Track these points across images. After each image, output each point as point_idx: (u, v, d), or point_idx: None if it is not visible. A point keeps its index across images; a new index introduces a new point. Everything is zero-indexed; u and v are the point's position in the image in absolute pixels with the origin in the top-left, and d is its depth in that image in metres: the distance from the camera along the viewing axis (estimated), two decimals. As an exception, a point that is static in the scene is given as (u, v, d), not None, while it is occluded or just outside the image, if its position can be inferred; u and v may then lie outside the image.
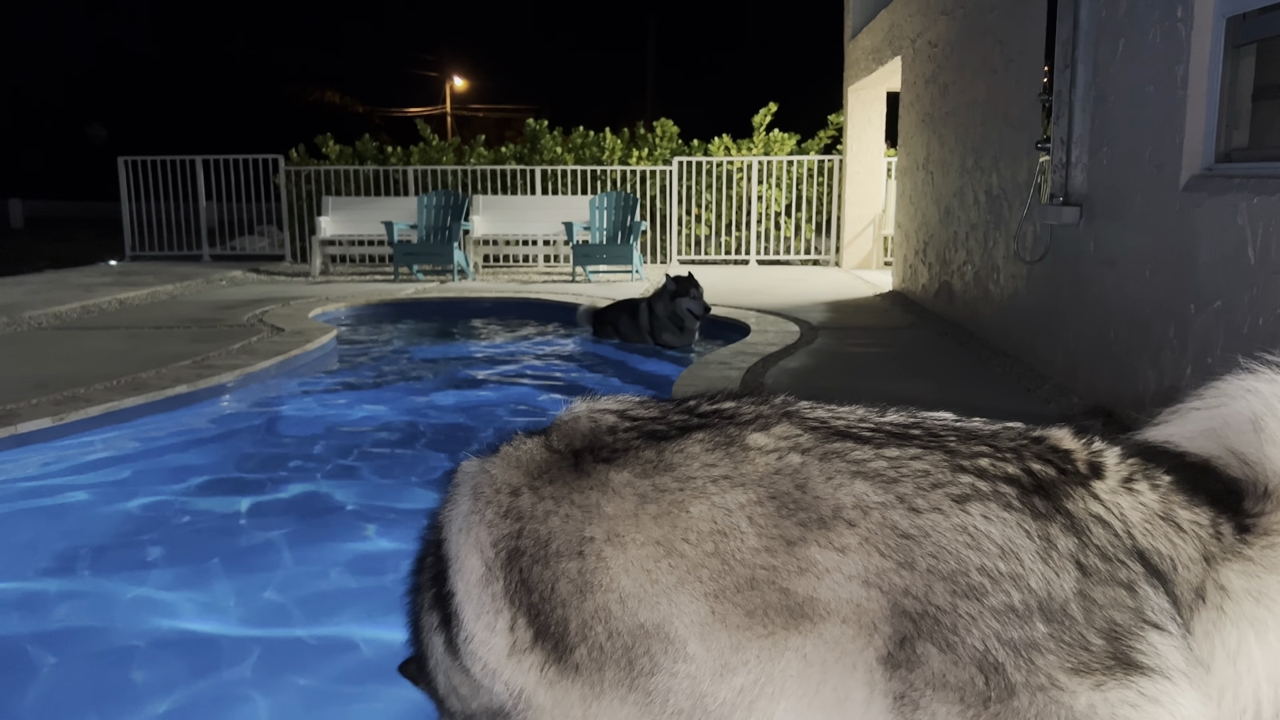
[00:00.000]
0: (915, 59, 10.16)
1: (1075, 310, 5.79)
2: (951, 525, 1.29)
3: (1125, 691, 1.20)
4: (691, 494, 1.41)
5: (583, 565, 1.45)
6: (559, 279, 13.15)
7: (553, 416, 1.74)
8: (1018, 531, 1.27)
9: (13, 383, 6.00)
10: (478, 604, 1.56)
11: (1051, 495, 1.30)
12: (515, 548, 1.53)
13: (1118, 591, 1.24)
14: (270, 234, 16.64)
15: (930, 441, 1.39)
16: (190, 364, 6.65)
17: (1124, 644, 1.22)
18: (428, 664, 1.77)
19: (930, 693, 1.28)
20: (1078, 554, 1.26)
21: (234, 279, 12.99)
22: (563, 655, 1.50)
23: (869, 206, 14.35)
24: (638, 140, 15.78)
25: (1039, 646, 1.23)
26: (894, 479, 1.34)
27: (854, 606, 1.32)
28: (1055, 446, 1.37)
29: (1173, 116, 4.58)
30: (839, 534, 1.33)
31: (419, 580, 1.79)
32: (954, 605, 1.27)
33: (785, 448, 1.41)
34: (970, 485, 1.32)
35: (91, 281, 12.05)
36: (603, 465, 1.51)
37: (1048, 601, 1.24)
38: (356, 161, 15.68)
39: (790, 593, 1.34)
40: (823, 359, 6.98)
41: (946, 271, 8.94)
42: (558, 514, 1.50)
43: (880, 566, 1.30)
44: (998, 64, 7.35)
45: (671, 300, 8.55)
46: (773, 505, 1.37)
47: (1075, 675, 1.22)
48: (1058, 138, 5.87)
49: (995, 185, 7.44)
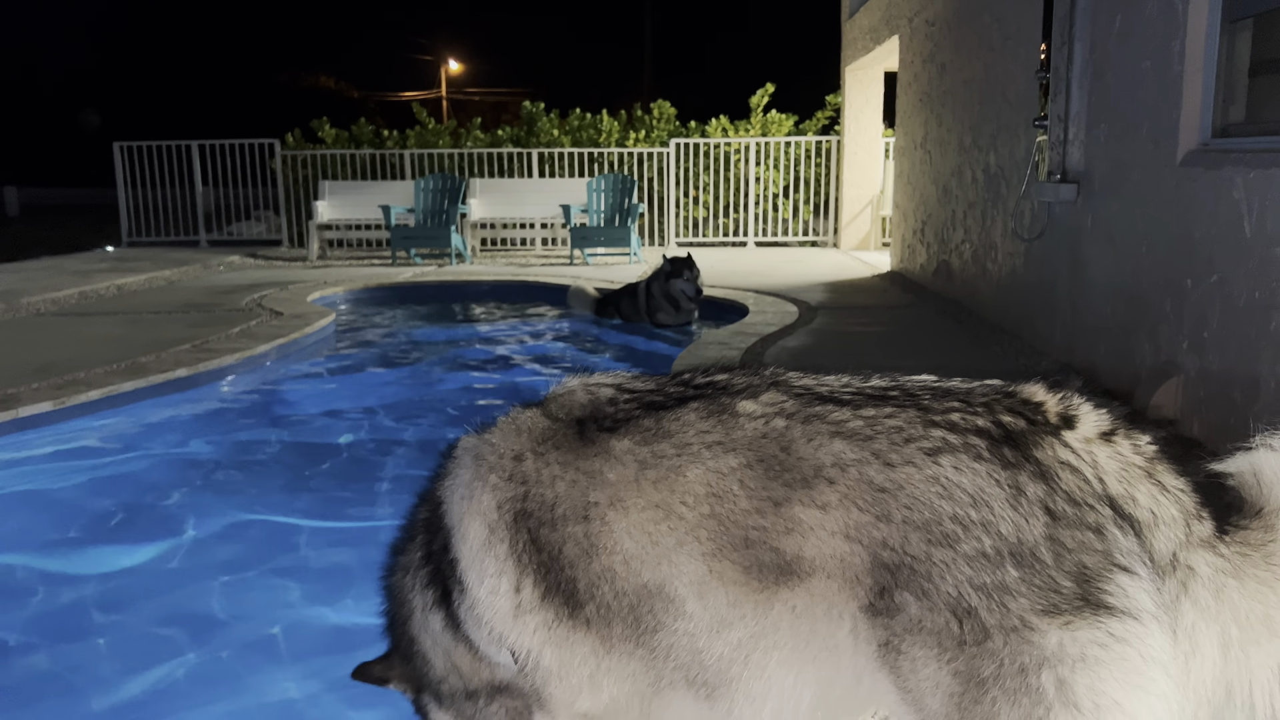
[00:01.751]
0: (913, 38, 10.13)
1: (1073, 286, 5.81)
2: (924, 477, 1.34)
3: (1094, 631, 1.25)
4: (688, 459, 1.46)
5: (588, 528, 1.50)
6: (557, 262, 13.14)
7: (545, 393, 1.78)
8: (988, 480, 1.32)
9: (13, 368, 6.01)
10: (482, 567, 1.59)
11: (1020, 445, 1.34)
12: (521, 509, 1.56)
13: (1086, 535, 1.28)
14: (267, 219, 16.61)
15: (906, 401, 1.44)
16: (189, 348, 6.66)
17: (1093, 586, 1.26)
18: (416, 648, 1.78)
19: (910, 638, 1.33)
20: (1046, 499, 1.30)
21: (231, 264, 12.98)
22: (571, 613, 1.54)
23: (867, 187, 14.33)
24: (635, 122, 15.74)
25: (1010, 590, 1.28)
26: (869, 436, 1.39)
27: (838, 561, 1.37)
28: (1027, 400, 1.42)
29: (1169, 92, 4.58)
30: (820, 492, 1.38)
31: (404, 560, 1.81)
32: (928, 554, 1.31)
33: (771, 413, 1.46)
34: (941, 439, 1.36)
35: (89, 268, 12.04)
36: (605, 433, 1.55)
37: (1018, 546, 1.28)
38: (353, 145, 15.64)
39: (780, 551, 1.40)
40: (821, 338, 6.99)
41: (945, 250, 8.95)
42: (563, 479, 1.54)
43: (859, 520, 1.36)
44: (995, 42, 7.33)
45: (666, 281, 8.60)
46: (761, 468, 1.42)
47: (1045, 616, 1.26)
48: (1055, 115, 5.86)
49: (993, 163, 7.44)
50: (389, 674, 1.90)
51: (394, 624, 1.85)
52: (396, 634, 1.85)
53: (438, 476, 1.75)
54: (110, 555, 3.91)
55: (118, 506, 4.42)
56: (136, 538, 4.07)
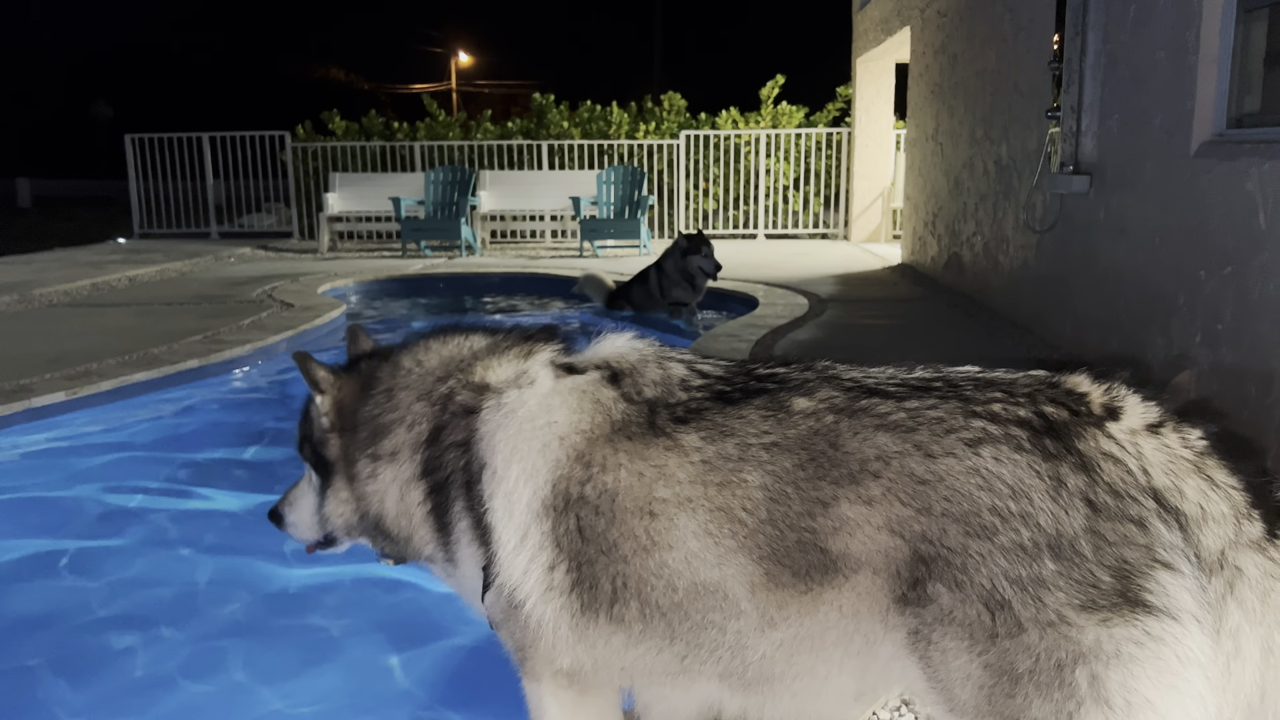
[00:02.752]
0: (924, 29, 10.08)
1: (1085, 279, 5.78)
2: (964, 468, 1.33)
3: (1131, 629, 1.23)
4: (749, 463, 1.46)
5: (653, 524, 1.49)
6: (566, 254, 13.14)
7: (605, 340, 1.77)
8: (1028, 472, 1.30)
9: (26, 358, 6.04)
10: (520, 537, 1.58)
11: (1063, 436, 1.32)
12: (579, 495, 1.54)
13: (1128, 528, 1.26)
14: (277, 211, 16.64)
15: (949, 392, 1.43)
16: (201, 339, 6.69)
17: (1133, 582, 1.24)
18: (372, 506, 1.81)
19: (941, 629, 1.32)
20: (1087, 491, 1.28)
21: (242, 256, 13.01)
22: (602, 605, 1.54)
23: (877, 179, 14.28)
24: (645, 114, 15.71)
25: (1047, 583, 1.26)
26: (912, 428, 1.38)
27: (881, 555, 1.37)
28: (1071, 390, 1.40)
29: (1184, 82, 4.55)
30: (866, 487, 1.38)
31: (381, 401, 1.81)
32: (964, 545, 1.30)
33: (823, 409, 1.46)
34: (982, 429, 1.35)
35: (101, 259, 12.09)
36: (676, 424, 1.54)
37: (1056, 539, 1.26)
38: (363, 138, 15.65)
39: (828, 552, 1.40)
40: (832, 331, 6.98)
41: (956, 243, 8.91)
42: (629, 470, 1.53)
43: (901, 514, 1.35)
44: (1008, 32, 7.29)
45: (683, 257, 8.46)
46: (812, 467, 1.42)
47: (1083, 611, 1.24)
48: (1068, 106, 5.83)
49: (1005, 155, 7.40)
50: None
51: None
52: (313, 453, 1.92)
53: (497, 390, 1.70)
54: (121, 545, 3.93)
55: (130, 496, 4.44)
56: (148, 527, 4.09)
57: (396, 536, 1.81)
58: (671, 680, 1.58)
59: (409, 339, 1.95)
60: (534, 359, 1.79)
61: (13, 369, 5.67)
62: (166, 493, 4.50)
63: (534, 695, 1.72)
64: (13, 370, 5.63)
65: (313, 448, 1.91)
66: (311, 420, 1.92)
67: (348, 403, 1.86)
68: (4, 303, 8.52)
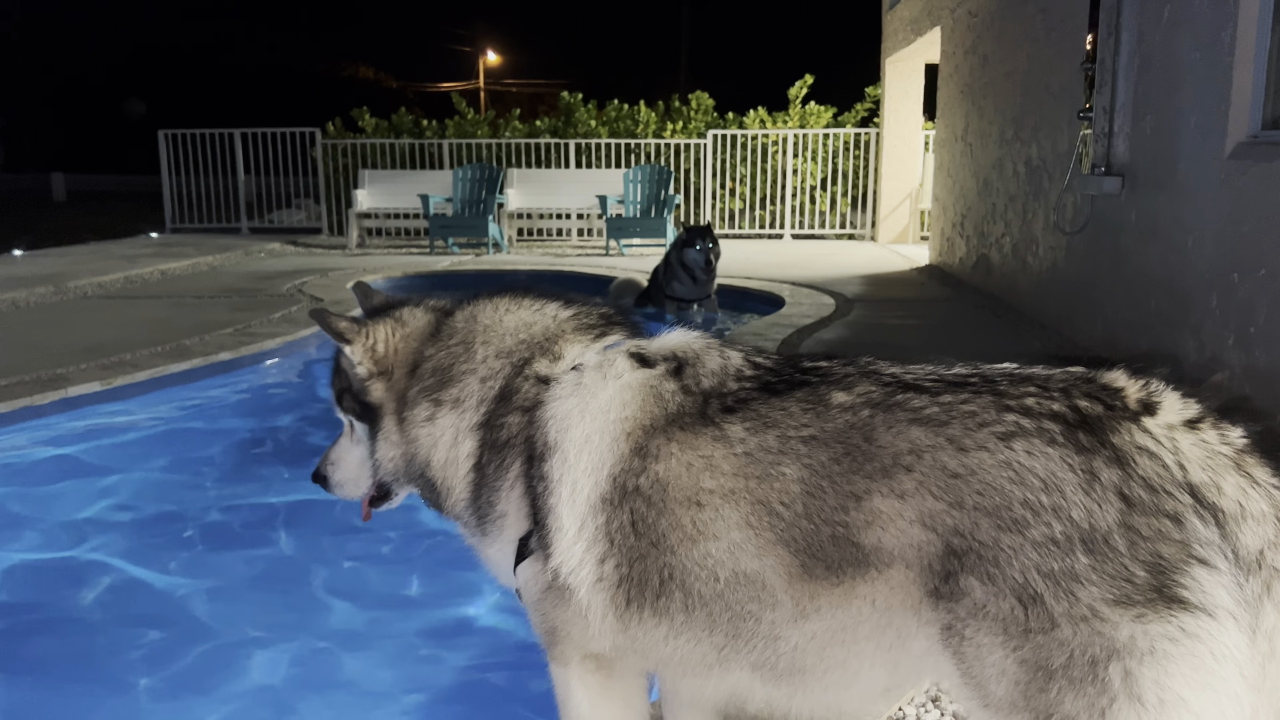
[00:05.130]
0: (955, 29, 10.02)
1: (1115, 281, 5.73)
2: (996, 462, 1.33)
3: (1166, 626, 1.21)
4: (788, 456, 1.48)
5: (699, 515, 1.51)
6: (593, 252, 13.17)
7: (674, 332, 1.77)
8: (1060, 465, 1.29)
9: (61, 348, 6.14)
10: (579, 526, 1.59)
11: (1096, 429, 1.31)
12: (634, 487, 1.56)
13: (1163, 523, 1.24)
14: (307, 207, 16.79)
15: (983, 386, 1.43)
16: (232, 332, 6.77)
17: (1169, 578, 1.22)
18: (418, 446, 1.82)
19: (974, 624, 1.32)
20: (1121, 485, 1.27)
21: (272, 251, 13.14)
22: (652, 598, 1.56)
23: (906, 180, 14.21)
24: (672, 113, 15.71)
25: (1080, 578, 1.25)
26: (945, 421, 1.39)
27: (914, 549, 1.37)
28: (1106, 385, 1.39)
29: (1219, 83, 4.51)
30: (899, 481, 1.38)
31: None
32: (996, 539, 1.30)
33: (860, 403, 1.47)
34: (1015, 423, 1.35)
35: (133, 253, 12.25)
36: (724, 414, 1.56)
37: (1090, 533, 1.26)
38: (392, 135, 15.76)
39: (861, 545, 1.40)
40: (858, 331, 6.96)
41: (984, 244, 8.86)
42: (680, 460, 1.54)
43: (934, 508, 1.35)
44: (1039, 33, 7.24)
45: (681, 250, 8.35)
46: (848, 461, 1.43)
47: (1117, 606, 1.23)
48: (1100, 107, 5.79)
49: (1035, 156, 7.36)
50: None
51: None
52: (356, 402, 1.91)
53: (572, 372, 1.70)
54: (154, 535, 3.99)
55: (162, 486, 4.51)
56: (180, 519, 4.15)
57: (439, 486, 1.82)
58: (706, 670, 1.60)
59: (481, 295, 1.94)
60: (613, 344, 1.78)
61: (48, 359, 5.77)
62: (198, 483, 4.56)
63: (561, 678, 1.74)
64: (48, 360, 5.73)
65: (353, 397, 1.91)
66: (345, 372, 1.93)
67: (394, 347, 1.88)
68: (40, 294, 8.66)
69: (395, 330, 1.90)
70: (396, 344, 1.88)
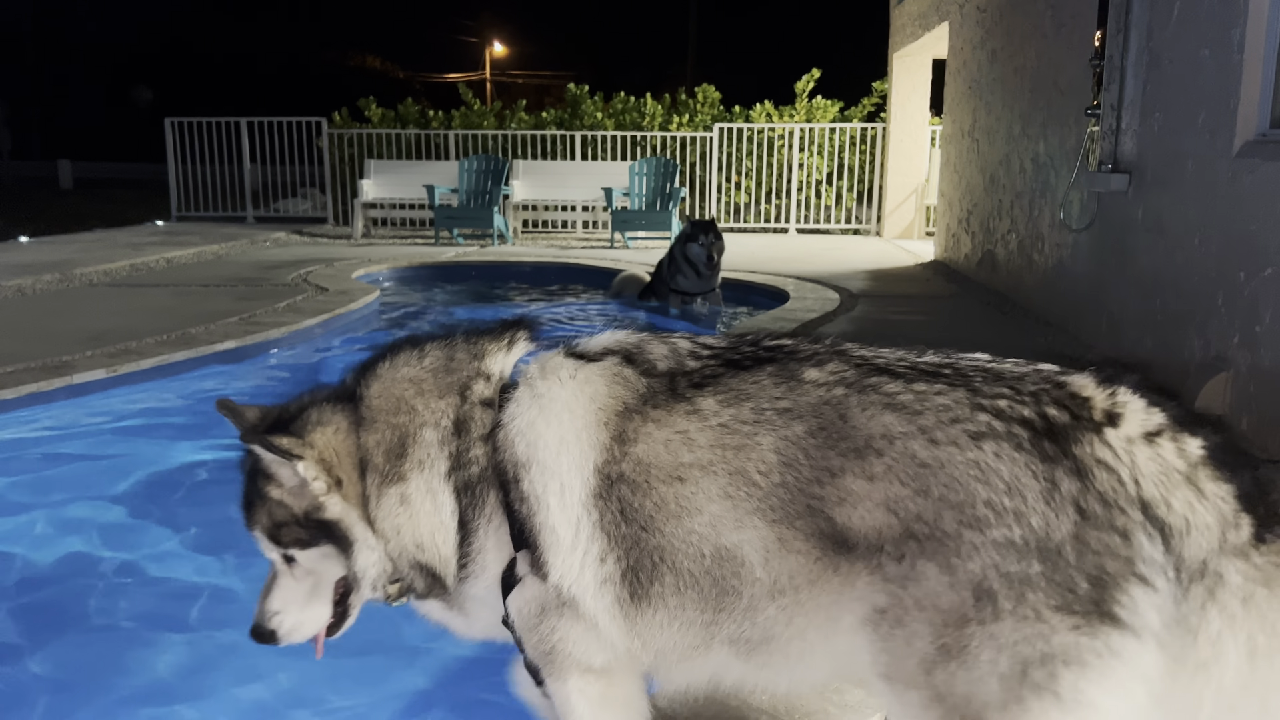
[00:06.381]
0: (963, 24, 10.00)
1: (1121, 279, 5.73)
2: (965, 459, 1.37)
3: (1094, 641, 1.28)
4: (764, 426, 1.50)
5: (680, 490, 1.52)
6: (598, 245, 13.17)
7: (599, 334, 1.76)
8: (1025, 471, 1.34)
9: (67, 335, 6.16)
10: (574, 532, 1.57)
11: (1061, 439, 1.36)
12: (619, 473, 1.56)
13: (1112, 538, 1.30)
14: (312, 196, 16.79)
15: (957, 380, 1.46)
16: (238, 320, 6.78)
17: (1108, 593, 1.28)
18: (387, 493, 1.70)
19: (916, 612, 1.36)
20: (1079, 498, 1.31)
21: (278, 240, 13.15)
22: (648, 585, 1.56)
23: (912, 175, 14.18)
24: (679, 106, 15.68)
25: (1031, 582, 1.30)
26: (918, 411, 1.42)
27: (878, 531, 1.40)
28: (1074, 393, 1.43)
29: (1228, 81, 4.49)
30: (870, 463, 1.41)
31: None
32: (959, 533, 1.34)
33: (833, 380, 1.50)
34: (986, 424, 1.38)
35: (139, 241, 12.27)
36: (698, 390, 1.57)
37: (1045, 540, 1.31)
38: (398, 125, 15.74)
39: (832, 520, 1.44)
40: (863, 326, 6.96)
41: (990, 240, 8.85)
42: (658, 437, 1.55)
43: (900, 494, 1.39)
44: (1048, 29, 7.22)
45: (684, 244, 8.33)
46: (822, 436, 1.45)
47: (1059, 613, 1.29)
48: (1108, 104, 5.77)
49: (1042, 152, 7.34)
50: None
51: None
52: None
53: (525, 391, 1.67)
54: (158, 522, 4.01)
55: (167, 473, 4.52)
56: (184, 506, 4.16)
57: (437, 565, 1.70)
58: (695, 653, 1.60)
59: (373, 364, 1.80)
60: (531, 351, 1.79)
61: (54, 346, 5.79)
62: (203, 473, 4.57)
63: (561, 695, 1.70)
64: (54, 347, 5.74)
65: (301, 525, 1.71)
66: (279, 501, 1.71)
67: (335, 449, 1.71)
68: (46, 281, 8.68)
69: (327, 432, 1.72)
70: (337, 446, 1.71)
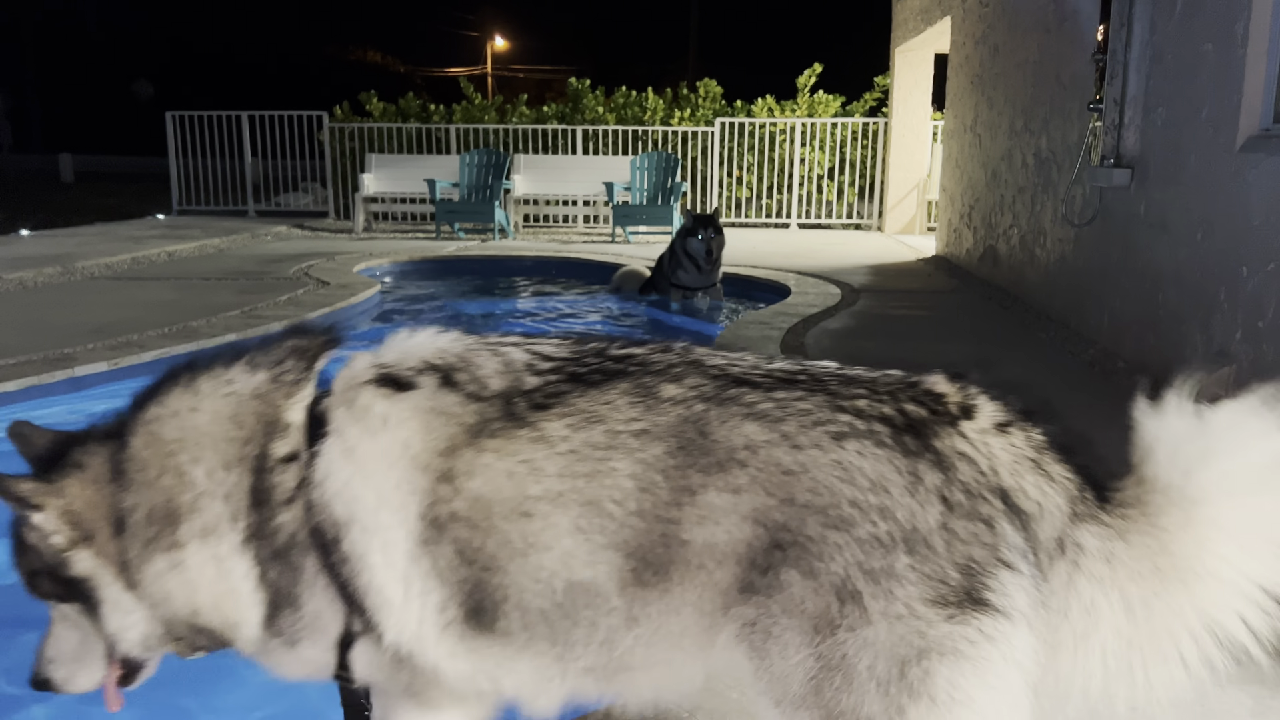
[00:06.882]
0: (965, 19, 9.98)
1: (1124, 274, 5.72)
2: (829, 460, 1.34)
3: (967, 628, 1.28)
4: (619, 451, 1.41)
5: (528, 526, 1.42)
6: (599, 239, 13.16)
7: (413, 339, 1.57)
8: (888, 467, 1.33)
9: (68, 328, 6.16)
10: (405, 587, 1.46)
11: (921, 433, 1.36)
12: (450, 514, 1.44)
13: (978, 526, 1.30)
14: (314, 190, 16.79)
15: (814, 385, 1.44)
16: (239, 314, 6.79)
17: (978, 580, 1.29)
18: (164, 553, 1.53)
19: (784, 619, 1.33)
20: (943, 489, 1.31)
21: (279, 234, 13.15)
22: (492, 624, 1.47)
23: (913, 170, 14.17)
24: (680, 101, 15.66)
25: (899, 576, 1.29)
26: (780, 418, 1.39)
27: (744, 544, 1.36)
28: (929, 390, 1.43)
29: (1231, 75, 4.49)
30: (733, 475, 1.37)
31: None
32: (823, 535, 1.32)
33: (692, 397, 1.43)
34: (848, 423, 1.37)
35: (140, 234, 12.27)
36: (541, 412, 1.45)
37: (912, 533, 1.30)
38: (399, 119, 15.73)
39: (691, 542, 1.38)
40: (864, 321, 6.96)
41: (992, 235, 8.84)
42: (499, 469, 1.43)
43: (765, 504, 1.35)
44: (1051, 23, 7.21)
45: (684, 238, 8.34)
46: (681, 455, 1.39)
47: (933, 606, 1.28)
48: (1111, 98, 5.76)
49: (1044, 147, 7.33)
50: None
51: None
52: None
53: (329, 436, 1.50)
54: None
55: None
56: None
57: (218, 627, 1.56)
58: (549, 685, 1.52)
59: (144, 401, 1.60)
60: (344, 379, 1.56)
61: (56, 338, 5.79)
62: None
63: None
64: (56, 339, 5.75)
65: (51, 577, 1.56)
66: (34, 547, 1.56)
67: (89, 501, 1.54)
68: (47, 274, 8.68)
69: (84, 479, 1.55)
70: (92, 496, 1.54)
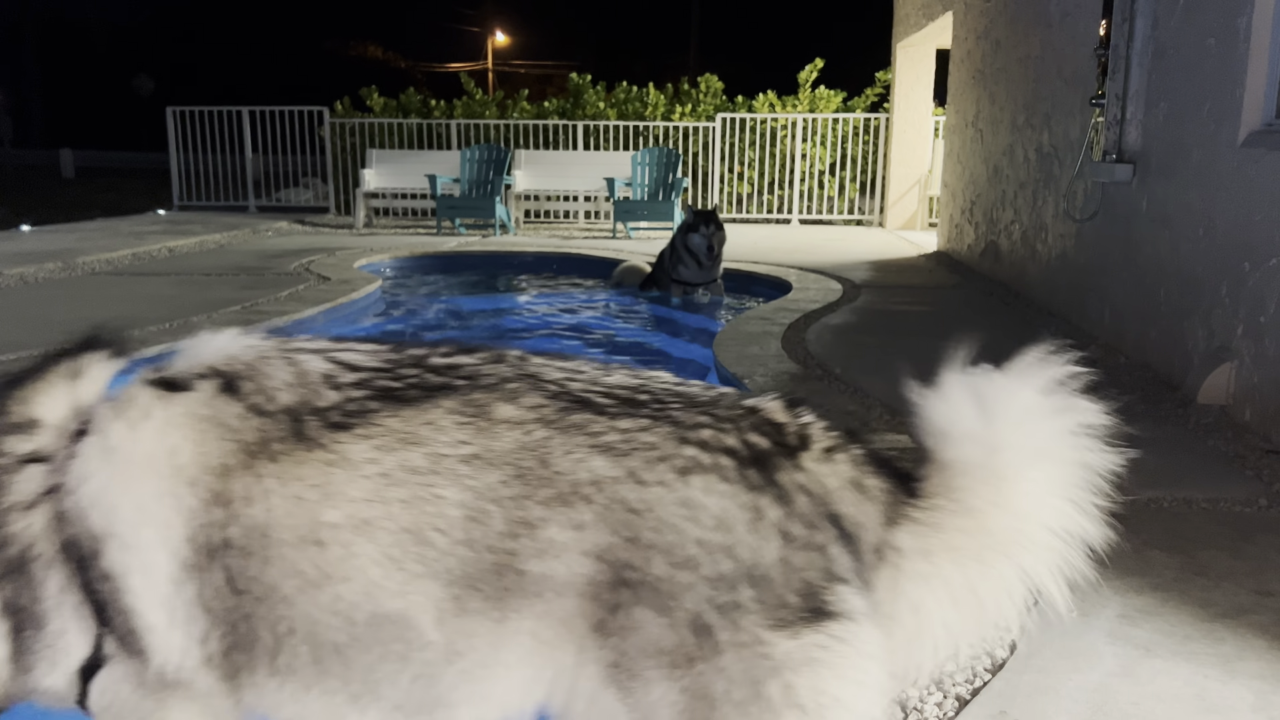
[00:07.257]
0: (967, 13, 9.96)
1: (1125, 269, 5.72)
2: (674, 499, 1.32)
3: (816, 635, 1.29)
4: (445, 477, 1.32)
5: (322, 555, 1.31)
6: (599, 235, 13.15)
7: (202, 342, 1.44)
8: (732, 504, 1.32)
9: (69, 324, 6.12)
10: (169, 612, 1.35)
11: (765, 467, 1.35)
12: (223, 541, 1.32)
13: (813, 555, 1.32)
14: (314, 186, 16.79)
15: (658, 412, 1.39)
16: (240, 309, 6.79)
17: (816, 598, 1.30)
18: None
19: (644, 659, 1.30)
20: (783, 524, 1.32)
21: (280, 229, 13.15)
22: (269, 659, 1.37)
23: (915, 166, 14.16)
24: (681, 96, 15.64)
25: (744, 608, 1.29)
26: (625, 452, 1.34)
27: (587, 581, 1.31)
28: (769, 419, 1.42)
29: (1233, 70, 4.48)
30: (577, 511, 1.31)
31: None
32: (671, 575, 1.30)
33: (531, 420, 1.36)
34: (693, 458, 1.34)
35: (141, 230, 12.26)
36: (338, 433, 1.34)
37: (754, 569, 1.30)
38: (400, 115, 15.71)
39: (527, 574, 1.31)
40: (865, 316, 6.95)
41: (993, 231, 8.84)
42: (282, 496, 1.32)
43: (610, 542, 1.31)
44: (1053, 18, 7.19)
45: (685, 234, 8.34)
46: (519, 484, 1.32)
47: (775, 630, 1.29)
48: (1113, 93, 5.75)
49: (1046, 143, 7.32)
50: None
51: None
52: None
53: (85, 445, 1.37)
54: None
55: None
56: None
57: None
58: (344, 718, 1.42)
59: None
60: (106, 375, 1.46)
61: (57, 334, 5.76)
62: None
63: None
64: (57, 335, 5.72)
65: None
66: None
67: None
68: (49, 270, 8.68)
69: None
70: None
